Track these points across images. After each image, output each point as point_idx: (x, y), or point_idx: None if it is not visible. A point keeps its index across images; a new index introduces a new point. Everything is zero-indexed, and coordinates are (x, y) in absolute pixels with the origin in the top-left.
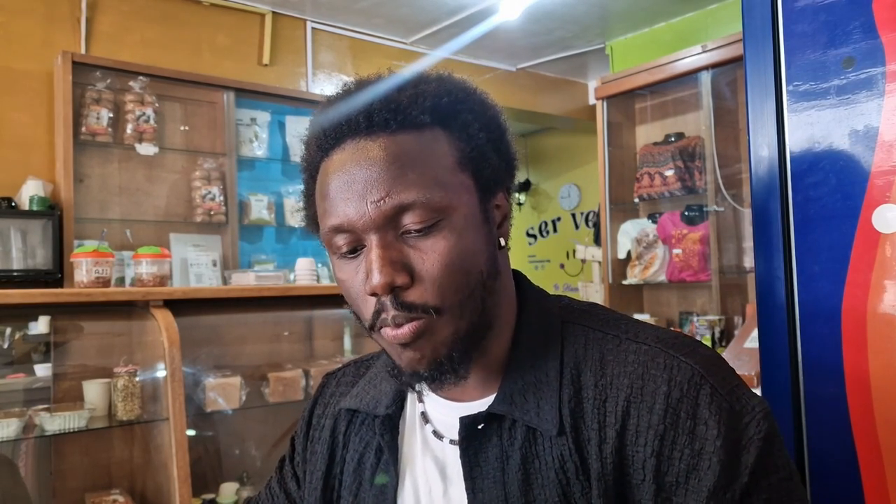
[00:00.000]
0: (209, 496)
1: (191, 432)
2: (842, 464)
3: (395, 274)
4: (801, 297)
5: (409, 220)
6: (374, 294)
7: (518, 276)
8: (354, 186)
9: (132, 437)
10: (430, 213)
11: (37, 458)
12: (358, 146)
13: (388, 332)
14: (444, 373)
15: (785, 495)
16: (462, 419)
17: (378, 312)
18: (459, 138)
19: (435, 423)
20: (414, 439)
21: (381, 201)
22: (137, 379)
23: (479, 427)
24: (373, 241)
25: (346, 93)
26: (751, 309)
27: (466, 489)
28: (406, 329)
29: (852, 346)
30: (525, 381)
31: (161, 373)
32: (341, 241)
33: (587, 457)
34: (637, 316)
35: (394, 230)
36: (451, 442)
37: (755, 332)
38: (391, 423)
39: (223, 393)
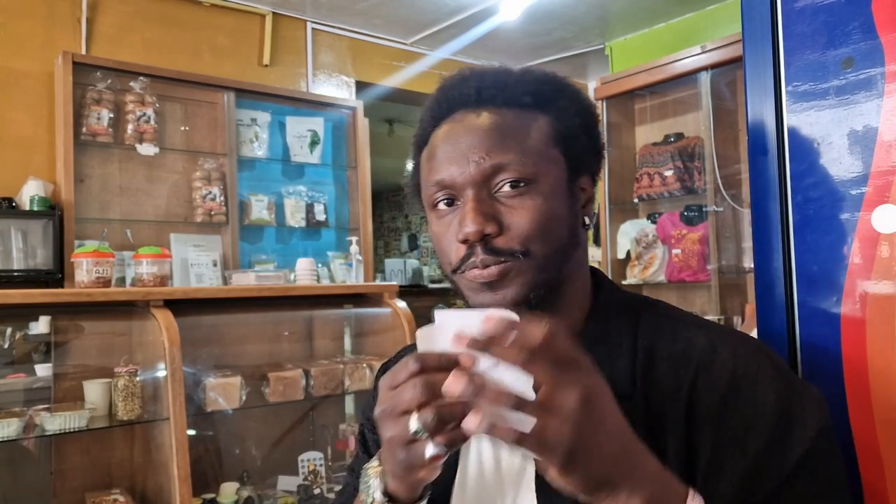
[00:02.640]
0: (209, 496)
1: (191, 432)
2: None
3: (485, 223)
4: (801, 297)
5: (503, 178)
6: (465, 241)
7: (592, 268)
8: (459, 147)
9: (132, 437)
10: (522, 176)
11: (37, 458)
12: (466, 115)
13: (474, 272)
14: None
15: (827, 490)
16: None
17: (467, 257)
18: (556, 118)
19: None
20: None
21: (482, 160)
22: (138, 379)
23: None
24: (469, 195)
25: (460, 75)
26: (750, 309)
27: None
28: (493, 269)
29: (851, 346)
30: (598, 349)
31: (161, 373)
32: (441, 195)
33: (656, 421)
34: None
35: (487, 188)
36: None
37: (755, 332)
38: None
39: (223, 393)
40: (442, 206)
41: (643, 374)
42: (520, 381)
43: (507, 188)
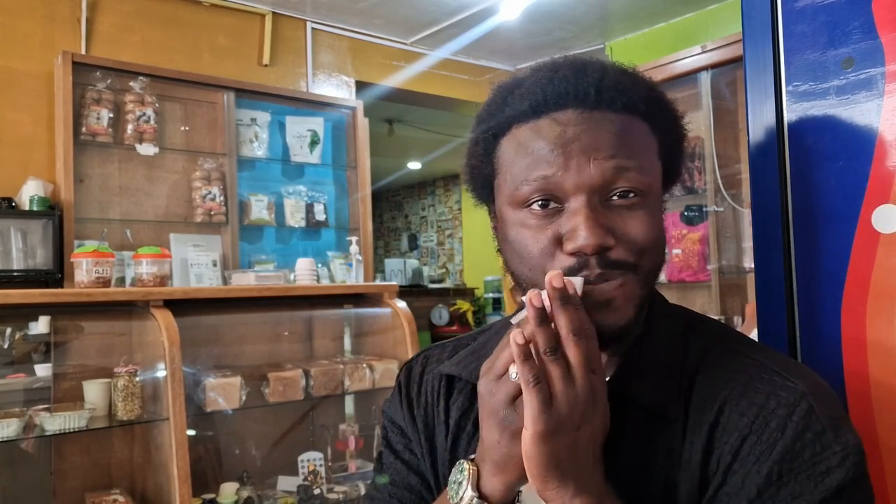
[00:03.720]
0: (209, 496)
1: (191, 432)
2: None
3: (605, 236)
4: (801, 298)
5: (621, 185)
6: (577, 253)
7: None
8: (576, 146)
9: (132, 437)
10: (640, 185)
11: (37, 458)
12: (583, 114)
13: (594, 288)
14: (626, 333)
15: None
16: None
17: (576, 270)
18: (661, 130)
19: None
20: None
21: (606, 161)
22: (138, 379)
23: None
24: (581, 201)
25: (569, 66)
26: (750, 309)
27: None
28: (612, 284)
29: (852, 346)
30: (646, 366)
31: (161, 373)
32: (538, 195)
33: (686, 446)
34: None
35: (600, 195)
36: None
37: (755, 332)
38: None
39: (223, 393)
40: (537, 206)
41: (684, 403)
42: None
43: (621, 196)
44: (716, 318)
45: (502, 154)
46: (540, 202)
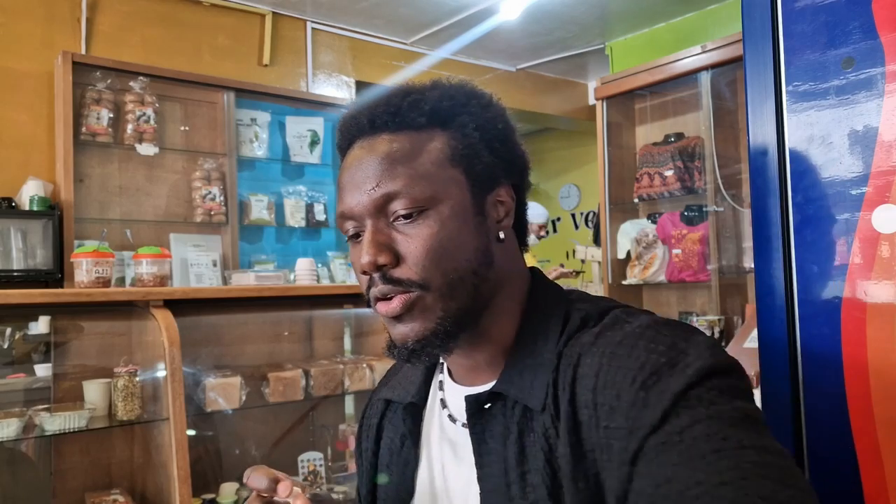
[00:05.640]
0: (209, 496)
1: (191, 432)
2: (841, 463)
3: (379, 254)
4: (801, 298)
5: (396, 208)
6: (364, 272)
7: (534, 272)
8: (355, 179)
9: (132, 437)
10: (415, 202)
11: (37, 458)
12: (362, 145)
13: (381, 306)
14: (430, 347)
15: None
16: (466, 398)
17: (369, 288)
18: (453, 137)
19: (451, 408)
20: (433, 425)
21: (372, 190)
22: (137, 379)
23: (486, 407)
24: (367, 225)
25: (363, 101)
26: (750, 309)
27: (476, 465)
28: (396, 302)
29: (852, 346)
30: (525, 363)
31: (161, 373)
32: (348, 226)
33: (559, 426)
34: None
35: (385, 217)
36: (463, 425)
37: (755, 332)
38: (413, 410)
39: (223, 393)
40: (350, 234)
41: (556, 389)
42: None
43: (401, 216)
44: (715, 318)
45: None
46: (353, 232)
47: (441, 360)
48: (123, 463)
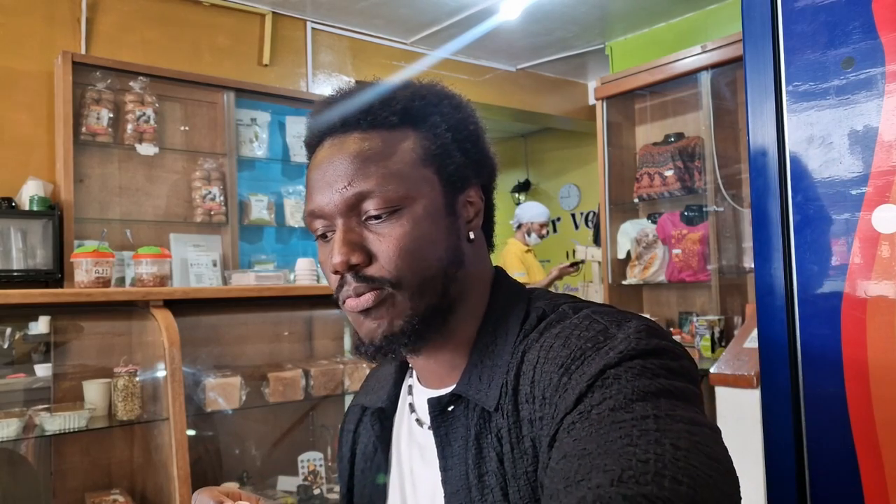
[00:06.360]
0: None
1: (191, 432)
2: (841, 462)
3: (351, 253)
4: (801, 298)
5: (368, 207)
6: (336, 272)
7: (498, 272)
8: (326, 177)
9: (132, 437)
10: (387, 202)
11: (37, 458)
12: (333, 143)
13: (350, 302)
14: (397, 344)
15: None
16: (429, 401)
17: (340, 287)
18: (426, 137)
19: (418, 411)
20: (402, 429)
21: (344, 189)
22: (137, 379)
23: (450, 409)
24: (338, 224)
25: (332, 98)
26: (750, 309)
27: (440, 468)
28: (367, 297)
29: (852, 346)
30: (484, 364)
31: (161, 373)
32: (317, 225)
33: (512, 426)
34: None
35: (356, 216)
36: (429, 427)
37: (755, 332)
38: (383, 416)
39: (223, 393)
40: (319, 233)
41: (511, 390)
42: None
43: (373, 216)
44: (715, 318)
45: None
46: (321, 231)
47: (410, 365)
48: (123, 463)
